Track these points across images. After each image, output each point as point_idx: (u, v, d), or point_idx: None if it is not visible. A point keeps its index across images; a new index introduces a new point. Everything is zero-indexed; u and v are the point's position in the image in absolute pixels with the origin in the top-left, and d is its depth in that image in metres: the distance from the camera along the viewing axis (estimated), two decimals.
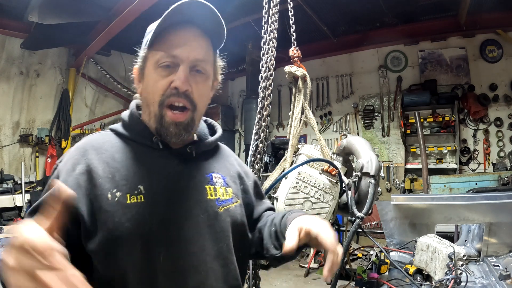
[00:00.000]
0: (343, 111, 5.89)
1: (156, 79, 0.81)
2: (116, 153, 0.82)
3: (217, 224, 0.84)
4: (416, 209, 2.14)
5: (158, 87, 0.80)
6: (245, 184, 0.99)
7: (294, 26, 2.26)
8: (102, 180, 0.76)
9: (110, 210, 0.74)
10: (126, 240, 0.73)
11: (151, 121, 0.84)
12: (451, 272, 1.43)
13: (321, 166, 1.79)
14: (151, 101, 0.82)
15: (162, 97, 0.80)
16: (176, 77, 0.79)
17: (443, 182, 4.36)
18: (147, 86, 0.83)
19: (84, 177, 0.77)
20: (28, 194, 4.48)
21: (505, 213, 1.86)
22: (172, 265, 0.76)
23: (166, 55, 0.80)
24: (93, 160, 0.79)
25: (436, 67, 5.17)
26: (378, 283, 1.79)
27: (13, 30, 4.45)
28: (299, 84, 2.04)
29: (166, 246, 0.76)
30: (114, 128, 0.89)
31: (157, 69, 0.81)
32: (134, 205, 0.75)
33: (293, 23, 2.26)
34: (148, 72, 0.83)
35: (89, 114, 5.68)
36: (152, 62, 0.82)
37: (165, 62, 0.80)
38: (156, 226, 0.76)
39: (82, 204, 0.74)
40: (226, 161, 0.98)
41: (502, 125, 4.81)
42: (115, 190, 0.76)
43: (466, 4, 4.15)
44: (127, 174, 0.79)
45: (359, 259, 4.48)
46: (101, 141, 0.84)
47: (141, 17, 3.77)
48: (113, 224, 0.73)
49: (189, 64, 0.80)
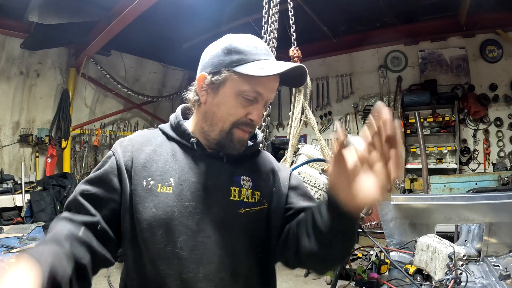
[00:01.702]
0: (343, 111, 5.90)
1: (236, 106, 0.88)
2: (158, 148, 0.93)
3: (235, 224, 0.89)
4: (416, 209, 2.14)
5: (236, 113, 0.88)
6: (279, 188, 0.98)
7: (294, 26, 2.26)
8: (142, 168, 0.89)
9: (143, 195, 0.86)
10: (150, 223, 0.83)
11: (214, 133, 0.91)
12: (451, 272, 1.43)
13: (321, 166, 1.79)
14: (223, 119, 0.89)
15: (237, 121, 0.89)
16: (254, 112, 0.88)
17: (443, 182, 4.36)
18: (221, 105, 0.89)
19: (129, 163, 0.90)
20: (28, 194, 4.47)
21: (505, 213, 1.86)
22: (188, 253, 0.83)
23: (253, 92, 0.86)
24: (139, 151, 0.92)
25: (436, 67, 5.18)
26: (378, 283, 1.79)
27: (13, 30, 4.45)
28: None
29: (185, 234, 0.84)
30: (162, 127, 1.00)
31: (239, 97, 0.87)
32: (162, 194, 0.86)
33: (293, 23, 2.26)
34: (227, 93, 0.87)
35: (89, 114, 5.69)
36: (236, 89, 0.86)
37: (250, 96, 0.87)
38: (178, 215, 0.84)
39: (126, 184, 0.88)
40: (262, 165, 1.01)
41: (502, 125, 4.81)
42: (150, 178, 0.87)
43: (466, 4, 4.15)
44: (163, 167, 0.89)
45: (359, 259, 4.47)
46: (150, 136, 0.97)
47: (141, 17, 3.78)
48: (142, 207, 0.85)
49: (267, 102, 0.91)
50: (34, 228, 3.57)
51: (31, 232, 3.41)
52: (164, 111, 6.67)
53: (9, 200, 4.34)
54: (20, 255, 0.63)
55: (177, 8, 4.14)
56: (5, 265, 0.54)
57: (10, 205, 4.36)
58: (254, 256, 0.92)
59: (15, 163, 4.86)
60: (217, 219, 0.87)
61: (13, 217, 4.29)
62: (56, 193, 4.52)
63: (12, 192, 4.41)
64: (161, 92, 6.61)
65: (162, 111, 6.74)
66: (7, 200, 4.34)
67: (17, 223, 4.11)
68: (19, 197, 4.42)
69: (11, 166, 4.82)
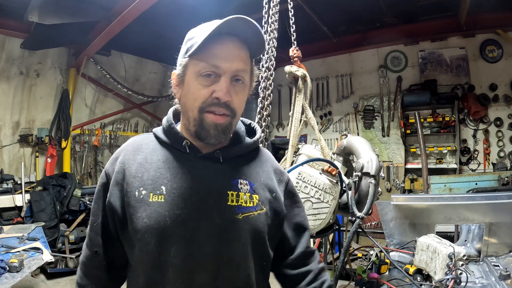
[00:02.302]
0: (343, 111, 5.89)
1: (198, 88, 0.83)
2: (149, 155, 0.90)
3: (233, 230, 0.85)
4: (416, 209, 2.14)
5: (200, 95, 0.83)
6: (277, 193, 0.96)
7: (294, 26, 2.26)
8: (133, 179, 0.87)
9: (135, 205, 0.84)
10: (143, 233, 0.82)
11: (190, 125, 0.88)
12: (451, 272, 1.43)
13: (321, 166, 1.79)
14: (191, 107, 0.86)
15: (203, 104, 0.84)
16: (218, 88, 0.82)
17: (443, 182, 4.36)
18: (188, 93, 0.86)
19: (120, 175, 0.88)
20: (28, 194, 4.47)
21: (505, 213, 1.86)
22: (182, 262, 0.82)
23: (208, 66, 0.82)
24: (130, 160, 0.90)
25: (436, 67, 5.17)
26: (378, 283, 1.79)
27: (13, 30, 4.44)
28: (299, 84, 2.04)
29: (178, 243, 0.82)
30: (155, 131, 0.97)
31: (199, 78, 0.83)
32: (154, 203, 0.83)
33: (293, 23, 2.26)
34: (189, 79, 0.86)
35: (89, 114, 5.68)
36: (194, 71, 0.84)
37: (207, 72, 0.82)
38: (171, 224, 0.82)
39: (117, 199, 0.87)
40: (260, 167, 0.97)
41: (502, 125, 4.81)
42: (142, 188, 0.85)
43: (466, 4, 4.15)
44: (154, 175, 0.86)
45: (359, 259, 4.48)
46: (141, 142, 0.94)
47: (141, 17, 3.77)
48: (136, 218, 0.83)
49: (230, 74, 0.83)
50: (34, 228, 3.57)
51: (31, 232, 3.41)
52: (164, 111, 6.54)
53: (9, 200, 4.34)
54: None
55: (177, 8, 4.14)
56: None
57: (10, 205, 4.35)
58: (252, 264, 0.89)
59: (15, 163, 4.86)
60: (212, 226, 0.83)
61: (13, 217, 4.28)
62: (56, 193, 4.51)
63: (12, 192, 4.40)
64: (161, 92, 6.60)
65: (162, 111, 6.73)
66: (7, 200, 4.33)
67: (17, 223, 4.11)
68: (19, 197, 4.41)
69: (11, 166, 4.82)
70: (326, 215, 1.73)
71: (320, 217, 1.72)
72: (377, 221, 4.91)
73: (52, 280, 4.04)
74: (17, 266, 2.47)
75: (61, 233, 4.29)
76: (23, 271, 2.49)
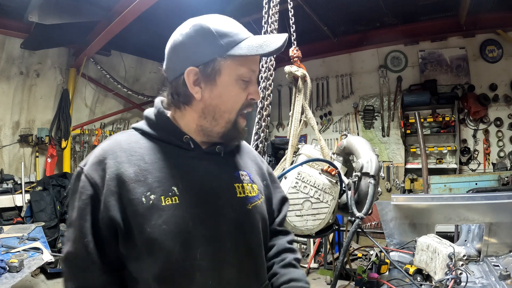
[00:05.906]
0: (343, 111, 5.89)
1: (239, 91, 0.84)
2: (145, 155, 0.81)
3: (248, 221, 0.88)
4: (416, 209, 2.14)
5: (241, 98, 0.85)
6: (267, 180, 1.03)
7: (294, 26, 2.26)
8: (135, 184, 0.76)
9: (145, 213, 0.75)
10: (163, 241, 0.75)
11: (218, 126, 0.85)
12: (451, 272, 1.43)
13: (321, 166, 1.78)
14: (229, 109, 0.85)
15: (242, 107, 0.86)
16: (253, 91, 0.86)
17: (443, 182, 4.36)
18: (223, 95, 0.83)
19: (114, 182, 0.76)
20: (28, 194, 4.47)
21: (505, 213, 1.86)
22: (209, 262, 0.79)
23: (249, 71, 0.84)
24: (123, 164, 0.78)
25: (436, 67, 5.17)
26: (378, 283, 1.79)
27: (13, 30, 4.44)
28: (299, 84, 2.04)
29: (203, 244, 0.79)
30: (139, 127, 0.87)
31: (239, 81, 0.83)
32: (169, 207, 0.77)
33: (293, 23, 2.26)
34: (225, 82, 0.82)
35: (89, 114, 5.68)
36: (234, 74, 0.82)
37: (247, 77, 0.84)
38: (193, 226, 0.78)
39: (116, 211, 0.75)
40: (248, 157, 1.02)
41: (502, 125, 4.81)
42: (149, 193, 0.76)
43: (466, 4, 4.15)
44: (160, 175, 0.79)
45: (359, 259, 4.48)
46: (129, 141, 0.83)
47: (141, 17, 3.77)
48: (149, 227, 0.74)
49: (256, 76, 0.88)
50: (34, 228, 3.57)
51: (31, 232, 3.41)
52: None
53: (9, 200, 4.34)
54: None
55: (177, 8, 4.13)
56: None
57: (10, 205, 4.36)
58: (263, 251, 0.92)
59: (15, 163, 4.86)
60: (229, 220, 0.83)
61: (13, 217, 4.29)
62: (56, 193, 4.52)
63: (12, 192, 4.41)
64: (161, 92, 6.61)
65: None
66: (7, 200, 4.34)
67: (17, 223, 4.11)
68: (19, 197, 4.42)
69: (11, 166, 4.82)
70: (325, 215, 1.73)
71: (319, 217, 1.72)
72: (377, 221, 4.91)
73: (52, 280, 4.04)
74: (17, 266, 2.48)
75: (61, 233, 4.29)
76: (23, 271, 2.50)
